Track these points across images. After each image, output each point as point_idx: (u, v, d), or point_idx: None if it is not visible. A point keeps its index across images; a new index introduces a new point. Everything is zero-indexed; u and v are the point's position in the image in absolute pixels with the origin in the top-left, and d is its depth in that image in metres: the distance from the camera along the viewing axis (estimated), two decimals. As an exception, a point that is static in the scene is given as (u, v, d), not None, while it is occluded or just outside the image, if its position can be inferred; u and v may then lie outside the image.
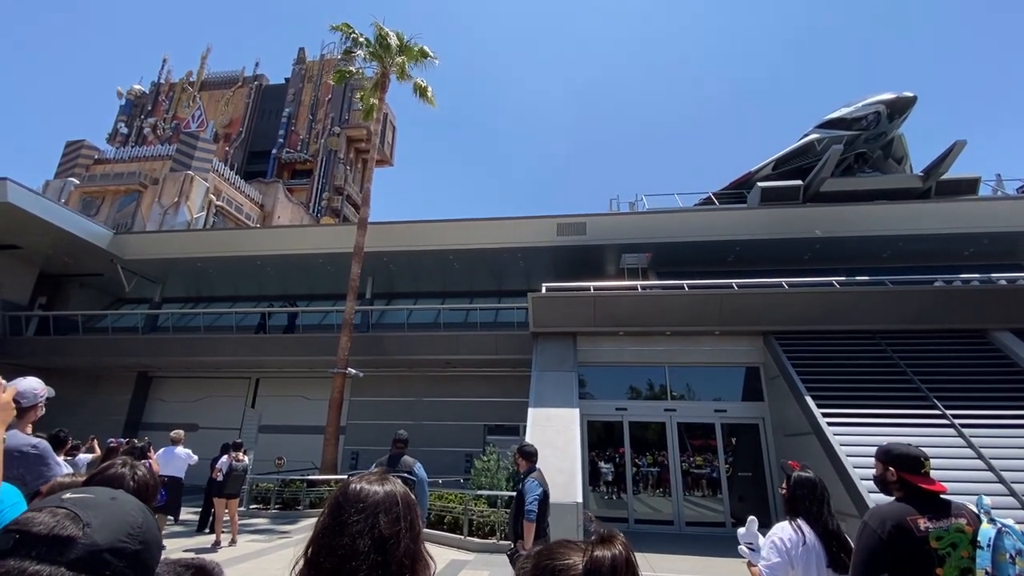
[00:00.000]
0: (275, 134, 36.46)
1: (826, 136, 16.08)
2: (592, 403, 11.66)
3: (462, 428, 15.09)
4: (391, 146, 40.29)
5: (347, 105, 36.53)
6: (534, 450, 4.50)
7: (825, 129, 16.39)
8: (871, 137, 15.78)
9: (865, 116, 15.37)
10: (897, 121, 15.40)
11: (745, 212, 14.89)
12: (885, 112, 15.12)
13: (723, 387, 11.79)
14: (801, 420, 9.44)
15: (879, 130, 15.55)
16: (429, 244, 15.35)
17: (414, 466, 4.99)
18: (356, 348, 13.44)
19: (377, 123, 14.62)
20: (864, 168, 16.38)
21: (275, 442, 15.68)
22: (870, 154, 16.27)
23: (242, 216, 27.09)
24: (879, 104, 15.26)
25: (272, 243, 16.30)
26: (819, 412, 9.04)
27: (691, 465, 11.24)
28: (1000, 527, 1.95)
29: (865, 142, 15.90)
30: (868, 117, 15.34)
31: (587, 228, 14.76)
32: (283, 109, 37.27)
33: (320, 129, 36.62)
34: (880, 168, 16.44)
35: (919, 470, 2.16)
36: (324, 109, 37.32)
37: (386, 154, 38.86)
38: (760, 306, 11.36)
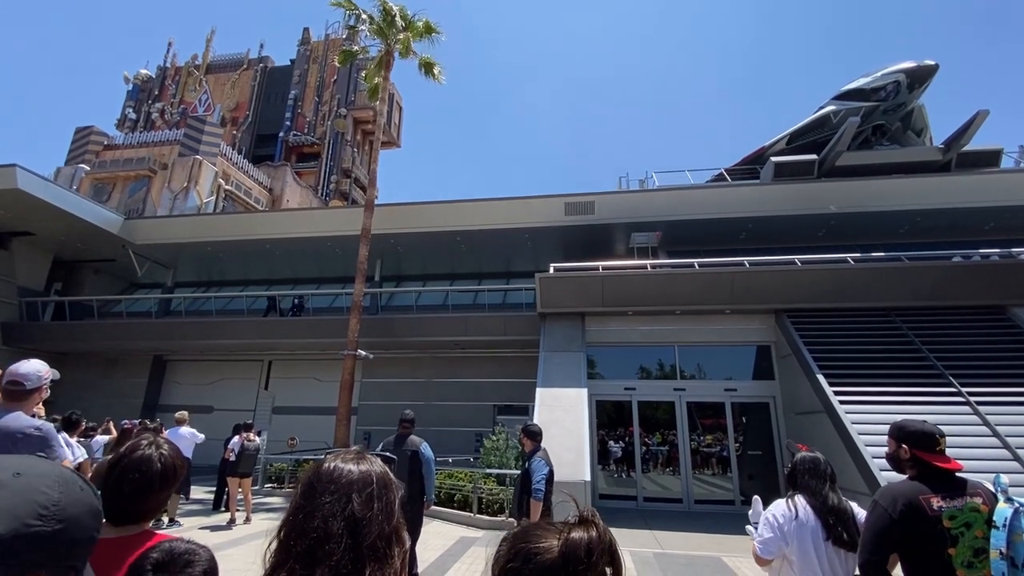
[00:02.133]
0: (282, 117, 36.31)
1: (843, 108, 15.60)
2: (601, 383, 11.65)
3: (472, 408, 15.23)
4: (398, 127, 39.96)
5: (353, 86, 36.18)
6: (538, 429, 4.48)
7: (842, 101, 15.89)
8: (890, 108, 15.28)
9: (884, 86, 14.86)
10: (917, 91, 14.87)
11: (758, 188, 14.56)
12: (905, 82, 14.59)
13: (734, 366, 11.71)
14: (812, 399, 9.35)
15: (898, 101, 15.04)
16: (436, 225, 15.28)
17: (420, 445, 5.00)
18: (366, 330, 13.52)
19: (382, 103, 14.41)
20: (882, 141, 15.90)
21: (288, 423, 15.96)
22: (888, 126, 15.77)
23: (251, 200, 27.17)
24: (899, 73, 14.72)
25: (281, 227, 16.34)
26: (831, 391, 8.94)
27: (701, 444, 11.25)
28: (1017, 506, 1.88)
29: (883, 114, 15.40)
30: (887, 87, 14.83)
31: (595, 207, 14.56)
32: (289, 91, 37.03)
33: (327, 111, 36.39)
34: (899, 141, 15.94)
35: (934, 448, 2.08)
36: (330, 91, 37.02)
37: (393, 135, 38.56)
38: (772, 284, 11.19)
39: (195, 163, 24.09)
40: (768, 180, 15.24)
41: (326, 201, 33.48)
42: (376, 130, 14.33)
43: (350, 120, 36.08)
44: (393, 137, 38.88)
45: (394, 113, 38.82)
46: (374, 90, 14.54)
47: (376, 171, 13.89)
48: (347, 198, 35.15)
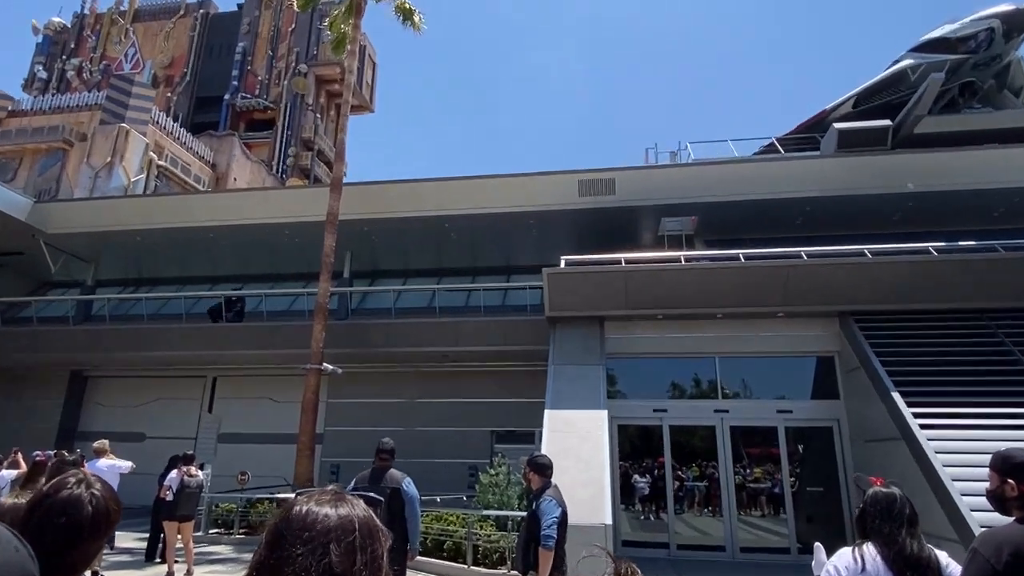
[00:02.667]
0: (227, 76, 36.32)
1: (923, 62, 15.58)
2: (624, 403, 11.64)
3: (464, 435, 15.22)
4: (371, 88, 39.96)
5: (315, 37, 36.16)
6: (548, 462, 4.49)
7: (922, 53, 15.88)
8: (981, 62, 15.26)
9: (974, 35, 14.84)
10: (1016, 40, 14.87)
11: (818, 162, 14.53)
12: (1000, 29, 14.58)
13: (788, 382, 11.69)
14: (886, 422, 9.34)
15: (992, 52, 15.03)
16: (421, 209, 15.28)
17: (402, 481, 5.01)
18: (333, 339, 13.52)
19: (352, 57, 14.42)
20: (972, 103, 15.88)
21: (238, 454, 15.95)
22: (980, 84, 15.75)
23: (190, 178, 27.19)
24: (992, 19, 14.72)
25: (227, 211, 16.32)
26: (909, 412, 8.93)
27: (747, 478, 11.23)
28: None
29: (973, 69, 15.38)
30: (978, 36, 14.82)
31: (616, 186, 14.54)
32: (236, 44, 37.03)
33: (283, 68, 36.39)
34: (992, 102, 15.92)
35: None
36: (287, 43, 37.02)
37: (365, 98, 38.56)
38: (836, 281, 11.17)
39: (120, 133, 24.07)
40: (830, 151, 15.22)
41: (282, 179, 33.50)
42: (344, 91, 14.31)
43: (312, 79, 36.07)
44: (365, 100, 38.87)
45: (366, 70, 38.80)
46: (341, 41, 14.51)
47: (345, 142, 13.88)
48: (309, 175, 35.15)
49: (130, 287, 19.74)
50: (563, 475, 8.70)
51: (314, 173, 35.54)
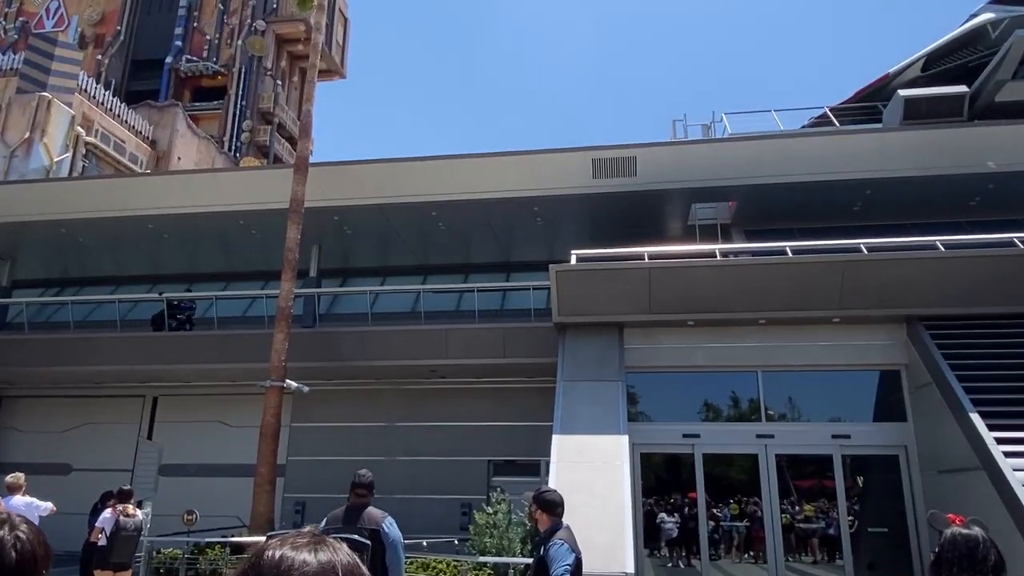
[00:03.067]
0: (169, 35, 36.28)
1: (1006, 16, 15.64)
2: (648, 427, 11.64)
3: (456, 466, 15.20)
4: (342, 48, 39.92)
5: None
6: (559, 498, 4.48)
7: (1005, 5, 15.94)
8: (1078, 15, 15.29)
9: (1068, -18, 14.88)
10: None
11: (879, 136, 14.52)
12: (1100, -25, 14.61)
13: (845, 401, 11.70)
14: (963, 448, 9.35)
15: (1090, 4, 15.06)
16: (403, 194, 15.26)
17: (382, 521, 4.99)
18: (298, 350, 13.50)
19: (320, 12, 14.45)
20: (1066, 66, 15.90)
21: (183, 489, 15.90)
22: (1075, 42, 15.76)
23: (125, 158, 27.16)
24: (1090, -37, 14.76)
25: (170, 196, 16.27)
26: (991, 436, 8.94)
27: (796, 517, 11.26)
28: None
29: (1068, 24, 15.40)
30: (1073, -16, 14.86)
31: (638, 165, 14.53)
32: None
33: (236, 26, 36.36)
34: (1090, 64, 15.93)
35: None
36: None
37: (335, 61, 38.52)
38: (903, 279, 11.18)
39: (41, 104, 24.05)
40: (895, 124, 15.22)
41: (236, 159, 33.47)
42: (311, 53, 14.32)
43: (271, 38, 36.03)
44: (335, 63, 38.84)
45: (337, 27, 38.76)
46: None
47: (311, 113, 13.89)
48: (268, 154, 35.11)
49: (53, 289, 19.67)
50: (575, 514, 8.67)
51: (274, 151, 35.46)
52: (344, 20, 40.52)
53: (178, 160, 29.57)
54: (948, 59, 16.75)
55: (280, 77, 36.98)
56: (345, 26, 40.62)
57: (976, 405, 9.48)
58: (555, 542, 4.30)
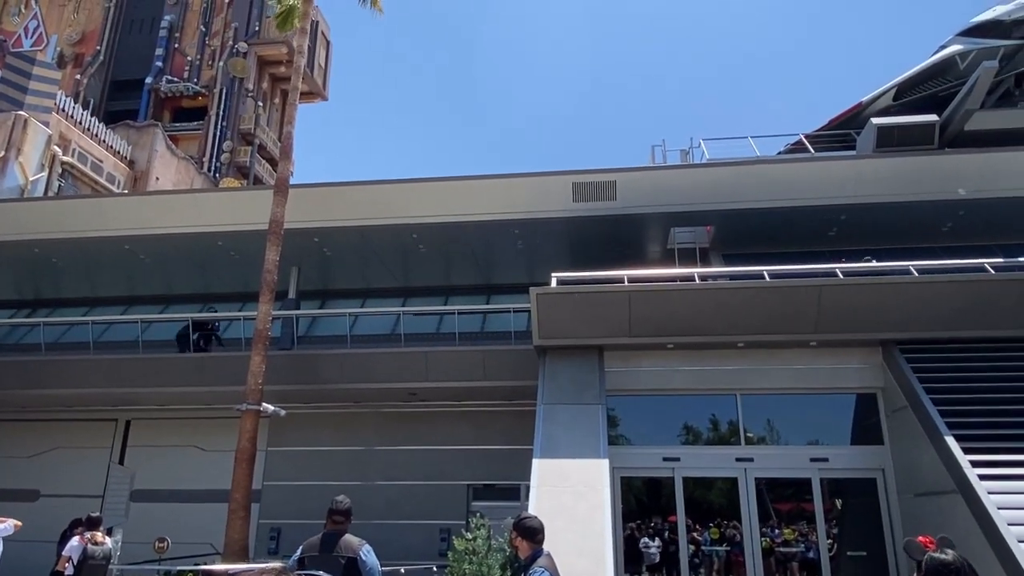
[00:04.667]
0: (150, 55, 36.27)
1: (973, 48, 16.06)
2: (628, 451, 11.61)
3: (435, 490, 15.04)
4: (324, 71, 40.12)
5: (257, 11, 36.32)
6: (539, 524, 4.43)
7: (972, 38, 16.38)
8: (1040, 49, 15.75)
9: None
10: (1079, 25, 15.40)
11: (853, 163, 14.77)
12: (1062, 11, 15.10)
13: (823, 425, 11.75)
14: (940, 472, 9.42)
15: (1052, 39, 15.53)
16: (383, 216, 15.25)
17: (359, 549, 4.91)
18: (276, 373, 13.35)
19: (302, 35, 14.51)
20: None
21: (155, 515, 15.58)
22: (1039, 75, 16.24)
23: (102, 178, 26.93)
24: (1051, -1, 15.25)
25: (147, 217, 16.13)
26: (966, 459, 9.01)
27: (776, 540, 11.23)
28: None
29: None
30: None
31: (618, 189, 14.66)
32: (162, 17, 37.05)
33: (218, 47, 36.44)
34: (1054, 96, 16.41)
35: None
36: (224, 17, 37.14)
37: (317, 83, 38.69)
38: (878, 303, 11.31)
39: (17, 122, 23.81)
40: (868, 151, 15.50)
41: (216, 179, 33.32)
42: (293, 75, 14.36)
43: (253, 60, 36.14)
44: (317, 86, 39.01)
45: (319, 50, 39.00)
46: (288, 15, 14.59)
47: (292, 135, 13.88)
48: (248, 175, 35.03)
49: (25, 310, 19.34)
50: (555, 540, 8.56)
51: (254, 172, 35.39)
52: (327, 43, 40.77)
53: (156, 180, 29.37)
54: (919, 89, 17.14)
55: (262, 98, 37.01)
56: (327, 49, 40.84)
57: (951, 428, 9.56)
58: (535, 570, 4.24)
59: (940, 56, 16.87)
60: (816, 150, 17.30)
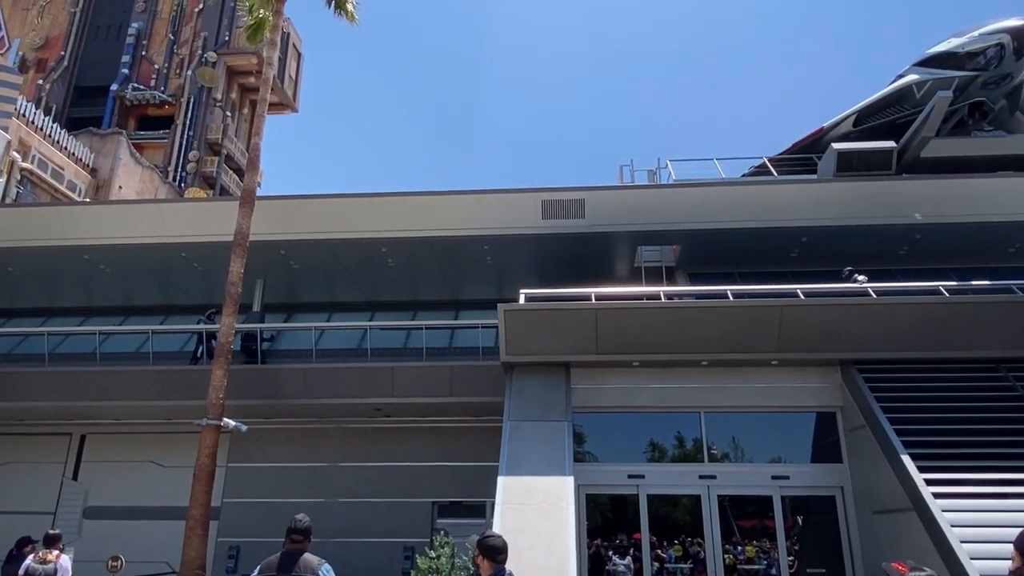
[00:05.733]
0: (116, 62, 35.73)
1: (929, 78, 16.60)
2: (594, 468, 11.62)
3: (400, 508, 14.89)
4: (295, 82, 39.91)
5: (228, 20, 36.04)
6: (502, 543, 4.40)
7: (928, 68, 16.93)
8: (991, 81, 16.36)
9: (983, 50, 15.95)
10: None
11: (815, 186, 15.15)
12: (1010, 45, 15.71)
13: (785, 442, 11.91)
14: (896, 490, 9.60)
15: (1002, 71, 16.14)
16: (352, 230, 15.18)
17: (319, 568, 4.89)
18: (238, 388, 13.12)
19: (273, 46, 14.39)
20: (982, 125, 16.95)
21: (109, 532, 15.19)
22: (990, 105, 16.85)
23: (62, 185, 26.37)
24: (1002, 34, 15.86)
25: (108, 227, 15.84)
26: (920, 478, 9.21)
27: (739, 557, 11.31)
28: None
29: (983, 87, 16.47)
30: (987, 52, 15.93)
31: (586, 208, 14.80)
32: (129, 23, 36.56)
33: (186, 56, 36.06)
34: (1004, 125, 17.04)
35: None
36: (193, 25, 36.79)
37: (287, 94, 38.45)
38: (837, 324, 11.54)
39: (-25, 127, 23.22)
40: (829, 175, 15.89)
41: (181, 189, 32.83)
42: (262, 87, 14.23)
43: (222, 69, 35.80)
44: (287, 97, 38.78)
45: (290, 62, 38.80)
46: (259, 27, 14.47)
47: (260, 147, 13.74)
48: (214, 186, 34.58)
49: (-23, 320, 18.78)
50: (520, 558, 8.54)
51: (221, 183, 34.96)
52: (298, 55, 40.61)
53: (119, 189, 28.84)
54: (878, 116, 17.63)
55: (230, 108, 36.65)
56: (299, 61, 40.67)
57: (907, 447, 9.76)
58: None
59: (898, 85, 17.41)
60: (779, 173, 17.68)
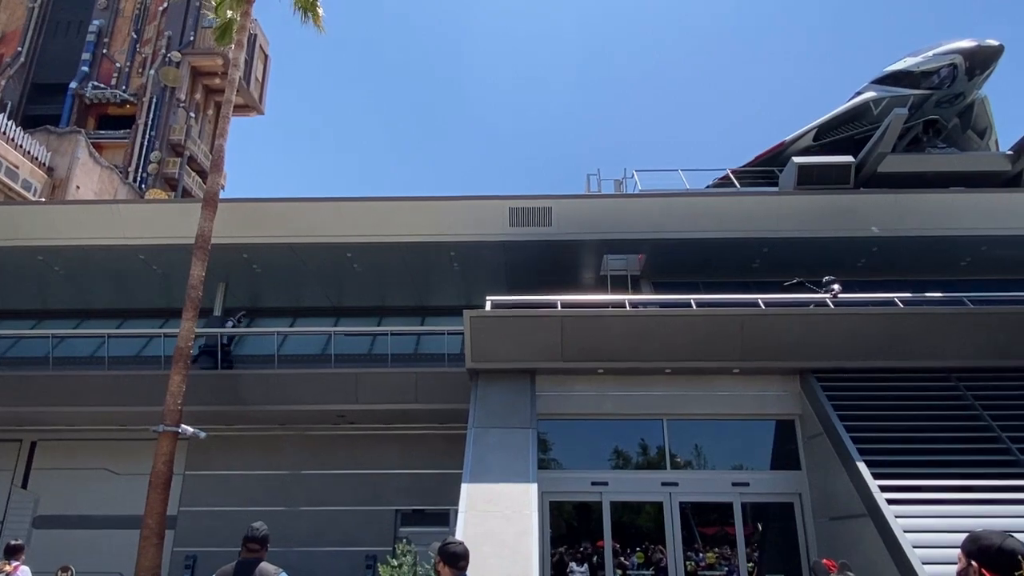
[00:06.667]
0: (76, 59, 34.91)
1: (886, 95, 17.08)
2: (558, 475, 11.63)
3: (362, 516, 14.73)
4: (261, 85, 39.48)
5: (193, 20, 35.51)
6: (463, 550, 4.35)
7: (885, 86, 17.41)
8: (945, 99, 16.91)
9: (937, 70, 16.47)
10: (978, 79, 16.60)
11: (776, 198, 15.46)
12: (963, 65, 16.26)
13: (745, 450, 12.08)
14: (852, 497, 9.80)
15: (955, 90, 16.69)
16: (317, 234, 15.07)
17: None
18: (197, 393, 12.87)
19: (239, 48, 14.23)
20: (936, 142, 17.49)
21: (60, 542, 14.73)
22: (944, 123, 17.41)
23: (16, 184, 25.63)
24: (954, 54, 16.40)
25: (64, 227, 15.51)
26: (875, 484, 9.42)
27: (700, 564, 11.41)
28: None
29: (937, 106, 17.01)
30: (941, 71, 16.45)
31: (553, 216, 14.89)
32: (90, 20, 35.78)
33: (150, 55, 35.41)
34: (957, 142, 17.60)
35: (1011, 572, 2.22)
36: (157, 24, 36.16)
37: (253, 97, 37.99)
38: (797, 333, 11.78)
39: (-75, 122, 22.49)
40: (790, 187, 16.24)
41: (142, 190, 32.15)
42: (227, 88, 14.05)
43: (186, 70, 35.23)
44: (253, 100, 38.31)
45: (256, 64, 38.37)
46: (227, 29, 14.32)
47: (224, 148, 13.57)
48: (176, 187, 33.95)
49: (-78, 322, 18.15)
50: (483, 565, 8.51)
51: (183, 185, 34.38)
52: (265, 57, 40.19)
53: (77, 189, 28.14)
54: (837, 131, 18.06)
55: (194, 109, 36.08)
56: (266, 63, 40.25)
57: (863, 454, 9.98)
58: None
59: (856, 101, 17.88)
60: (742, 185, 18.02)
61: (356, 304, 17.73)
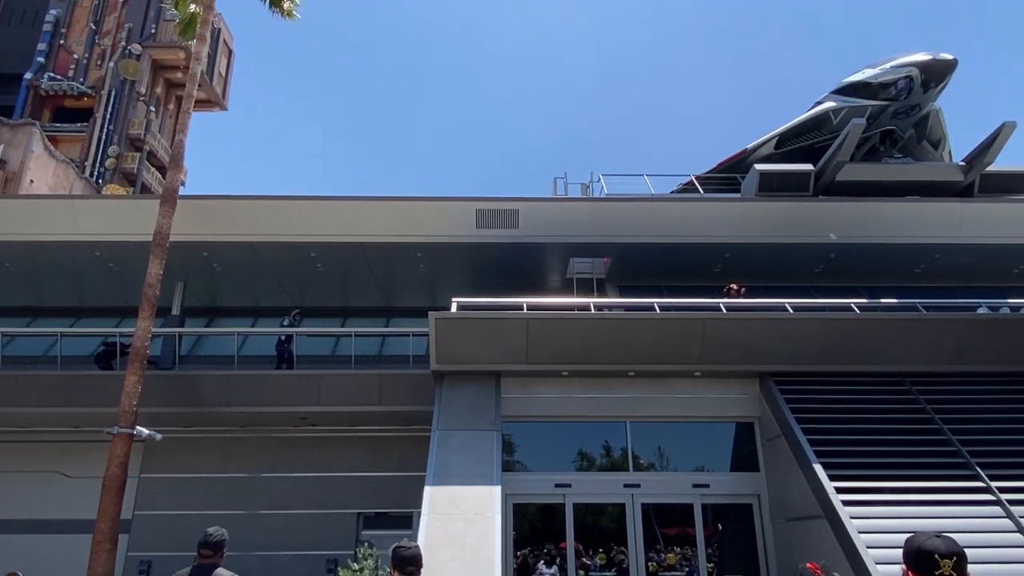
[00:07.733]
0: (31, 49, 33.87)
1: (845, 105, 17.48)
2: (522, 477, 11.66)
3: (323, 519, 14.56)
4: (224, 80, 38.84)
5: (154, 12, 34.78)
6: (413, 553, 4.22)
7: (844, 96, 17.83)
8: (901, 111, 17.38)
9: (894, 81, 16.92)
10: (933, 91, 17.10)
11: (738, 204, 15.72)
12: (918, 78, 16.73)
13: (706, 452, 12.25)
14: (808, 498, 10.00)
15: (911, 102, 17.16)
16: (280, 232, 14.90)
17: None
18: (153, 394, 12.60)
19: (202, 42, 13.96)
20: (892, 152, 17.97)
21: (8, 547, 14.29)
22: (900, 133, 17.89)
23: (-34, 177, 24.76)
24: (910, 67, 16.87)
25: (16, 222, 15.11)
26: (831, 486, 9.62)
27: (661, 564, 11.53)
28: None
29: (894, 117, 17.48)
30: (898, 83, 16.90)
31: (520, 218, 14.94)
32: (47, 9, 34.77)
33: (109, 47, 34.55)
34: (912, 153, 18.11)
35: (931, 571, 2.27)
36: (117, 16, 35.34)
37: (216, 92, 37.32)
38: (756, 337, 11.99)
39: None
40: (751, 194, 16.52)
41: (99, 185, 31.35)
42: (189, 82, 13.77)
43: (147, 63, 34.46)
44: (216, 95, 37.66)
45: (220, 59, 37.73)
46: (190, 22, 14.06)
47: (184, 144, 13.31)
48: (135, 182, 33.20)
49: None
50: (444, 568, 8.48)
51: (142, 180, 33.61)
52: (229, 52, 39.56)
53: (31, 183, 27.31)
54: (797, 139, 18.43)
55: (155, 103, 35.32)
56: (229, 58, 39.61)
57: (819, 456, 10.18)
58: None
59: (816, 111, 18.27)
60: (705, 191, 18.28)
61: (319, 304, 17.58)
